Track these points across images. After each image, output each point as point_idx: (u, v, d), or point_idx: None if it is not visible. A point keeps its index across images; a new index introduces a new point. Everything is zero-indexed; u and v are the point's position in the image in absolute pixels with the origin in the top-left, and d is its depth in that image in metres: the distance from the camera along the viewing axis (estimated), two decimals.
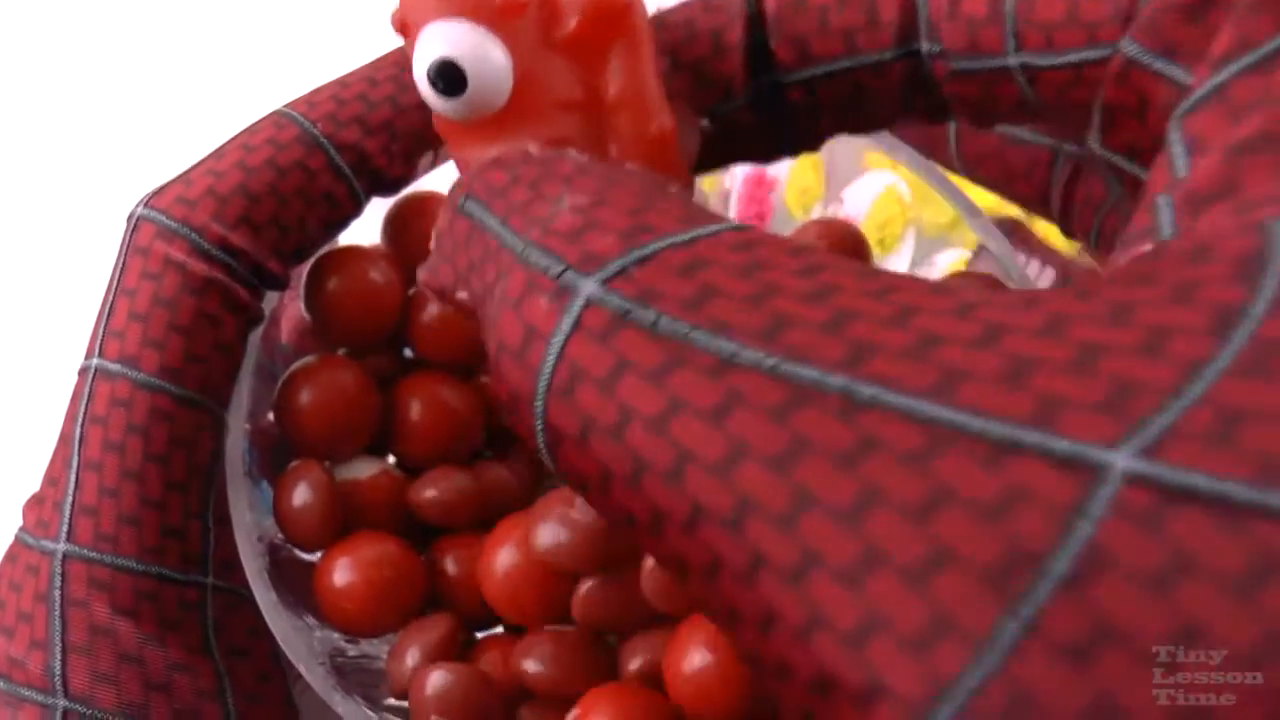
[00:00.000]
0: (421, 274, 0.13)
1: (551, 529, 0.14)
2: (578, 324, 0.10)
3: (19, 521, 0.15)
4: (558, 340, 0.10)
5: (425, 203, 0.18)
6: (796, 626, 0.08)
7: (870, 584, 0.08)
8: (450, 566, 0.16)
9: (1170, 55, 0.11)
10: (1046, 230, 0.40)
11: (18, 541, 0.15)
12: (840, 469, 0.08)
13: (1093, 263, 0.24)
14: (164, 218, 0.15)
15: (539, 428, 0.10)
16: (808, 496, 0.08)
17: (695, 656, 0.13)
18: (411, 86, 0.16)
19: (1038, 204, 0.17)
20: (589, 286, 0.10)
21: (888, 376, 0.08)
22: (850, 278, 0.09)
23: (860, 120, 0.14)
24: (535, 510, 0.14)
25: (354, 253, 0.17)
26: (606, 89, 0.13)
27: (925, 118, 0.14)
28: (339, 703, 0.14)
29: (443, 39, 0.12)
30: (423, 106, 0.15)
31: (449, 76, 0.12)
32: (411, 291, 0.17)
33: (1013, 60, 0.12)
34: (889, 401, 0.08)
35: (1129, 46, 0.11)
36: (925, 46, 0.13)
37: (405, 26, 0.13)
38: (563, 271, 0.10)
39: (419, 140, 0.16)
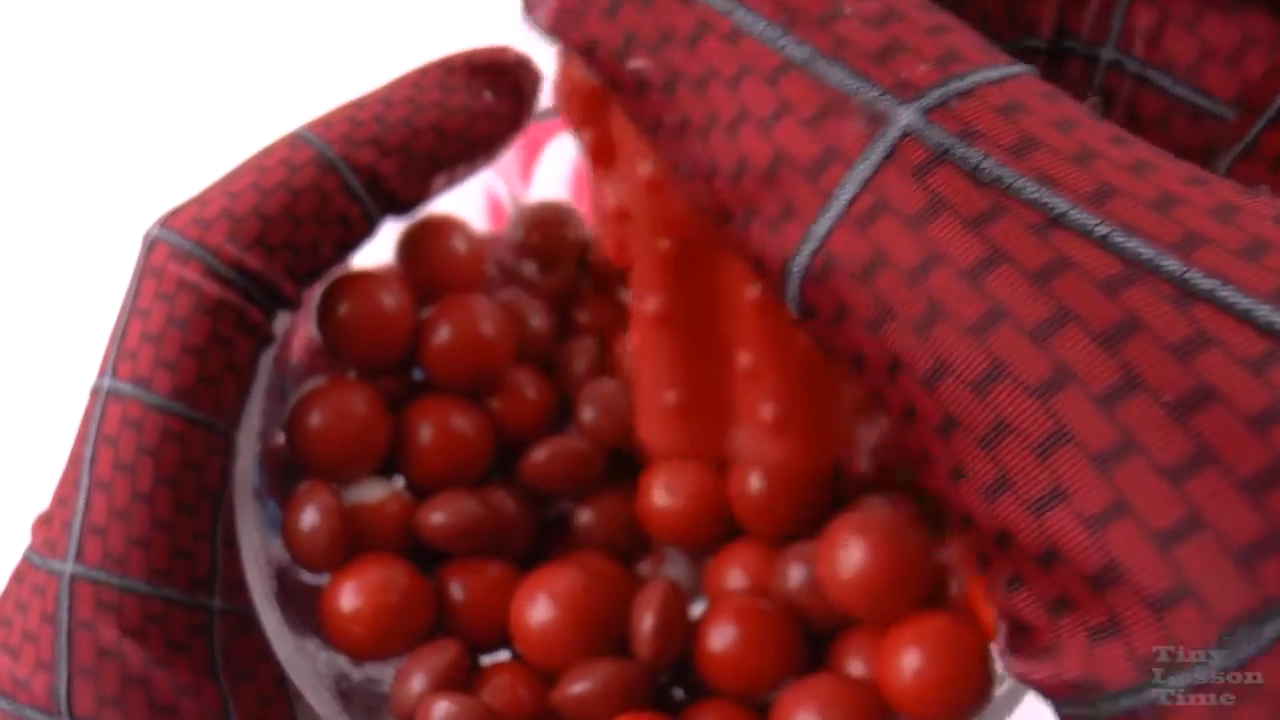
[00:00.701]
0: (546, 16, 0.12)
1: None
2: (892, 153, 0.09)
3: (27, 539, 0.15)
4: (864, 168, 0.09)
5: (439, 226, 0.18)
6: (1034, 498, 0.08)
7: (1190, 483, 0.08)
8: (457, 592, 0.16)
9: None
10: None
11: (25, 561, 0.15)
12: (1176, 361, 0.08)
13: None
14: (179, 238, 0.15)
15: (809, 249, 0.10)
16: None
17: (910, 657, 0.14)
18: (427, 108, 0.16)
19: None
20: (907, 115, 0.09)
21: (1218, 269, 0.08)
22: (1162, 160, 0.09)
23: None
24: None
25: (367, 277, 0.17)
26: None
27: None
28: None
29: None
30: (438, 128, 0.15)
31: None
32: (423, 315, 0.17)
33: None
34: (1220, 295, 0.08)
35: None
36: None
37: None
38: (878, 96, 0.09)
39: (434, 162, 0.16)
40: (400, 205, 0.16)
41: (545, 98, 0.17)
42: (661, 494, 0.16)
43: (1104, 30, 0.12)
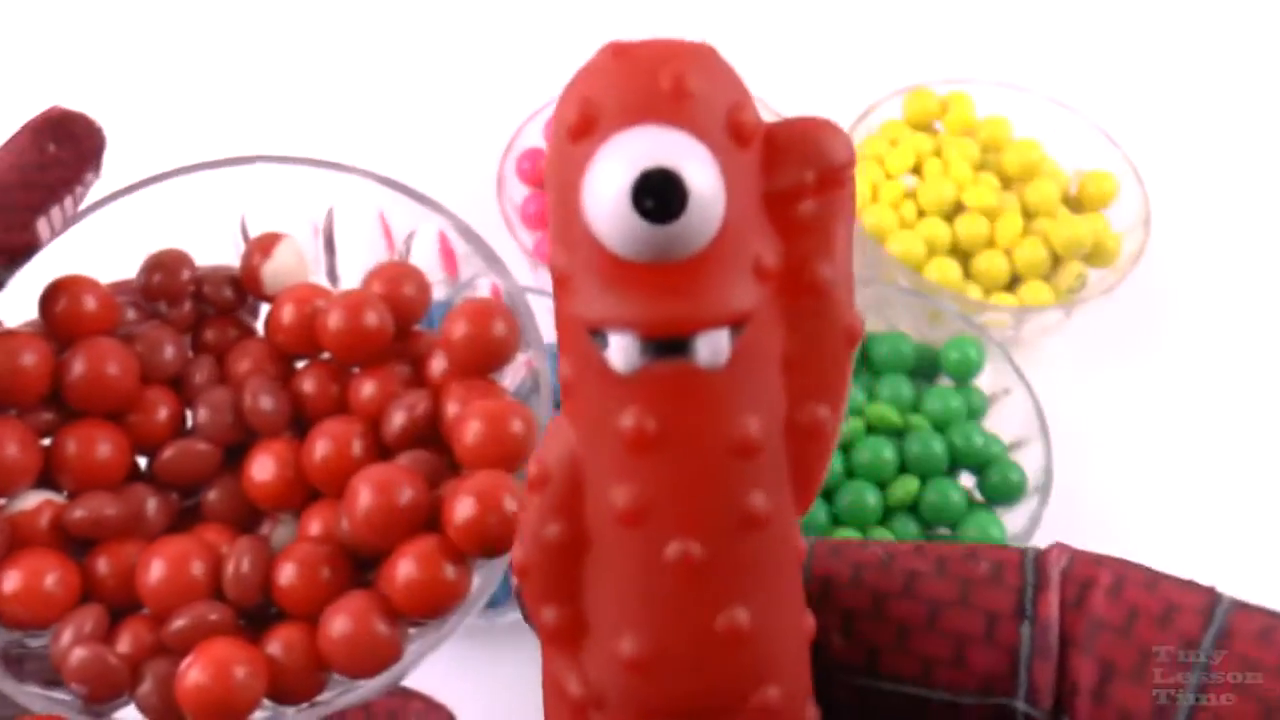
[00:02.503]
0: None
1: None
2: None
3: None
4: None
5: (68, 284, 0.22)
6: None
7: None
8: (101, 567, 0.21)
9: None
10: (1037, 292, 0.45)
11: None
12: None
13: None
14: None
15: None
16: None
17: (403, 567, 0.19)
18: (7, 169, 0.20)
19: None
20: None
21: None
22: None
23: None
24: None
25: (8, 336, 0.21)
26: (810, 266, 0.11)
27: None
28: (8, 687, 0.19)
29: (661, 145, 0.10)
30: (23, 183, 0.20)
31: (666, 193, 0.10)
32: (61, 356, 0.22)
33: None
34: None
35: None
36: (1021, 706, 0.12)
37: (589, 122, 0.10)
38: None
39: (31, 211, 0.20)
40: (13, 253, 0.20)
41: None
42: (256, 469, 0.21)
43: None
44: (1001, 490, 0.38)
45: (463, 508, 0.19)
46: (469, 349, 0.22)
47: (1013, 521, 0.38)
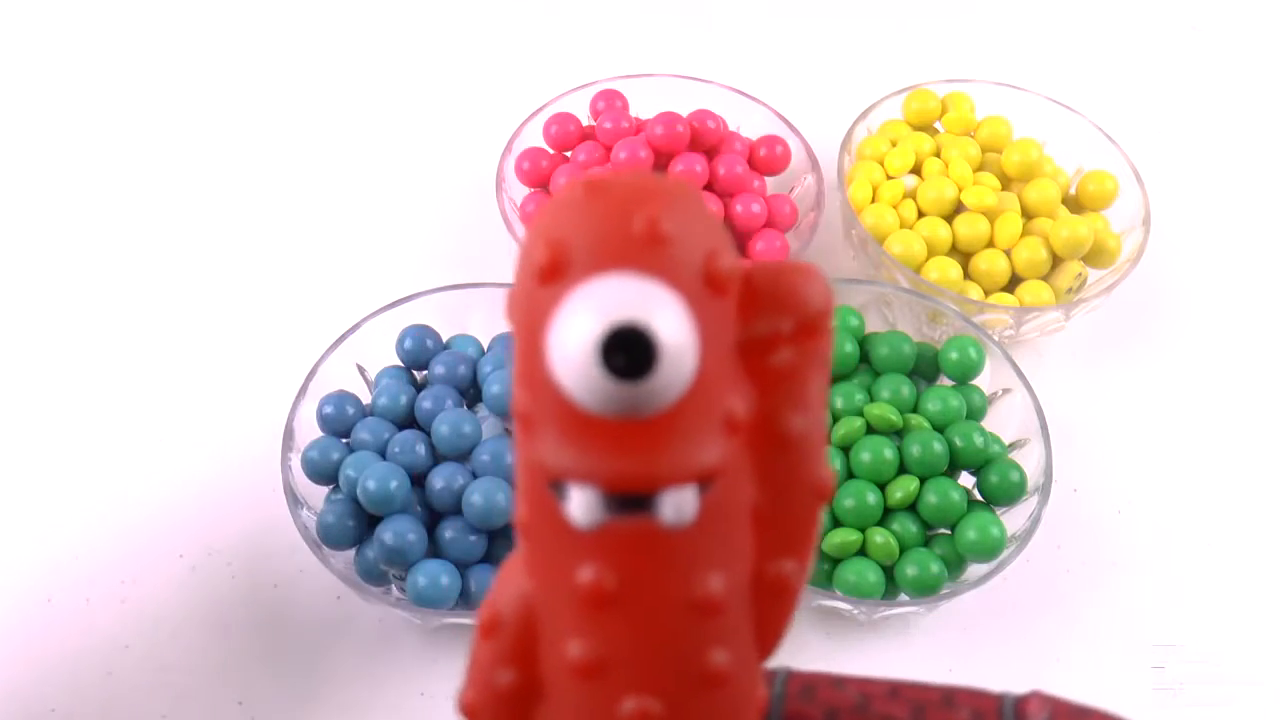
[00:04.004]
0: None
1: None
2: None
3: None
4: None
5: None
6: None
7: None
8: None
9: None
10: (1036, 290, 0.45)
11: None
12: None
13: None
14: None
15: None
16: None
17: None
18: None
19: None
20: None
21: None
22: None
23: None
24: None
25: None
26: (782, 417, 0.10)
27: None
28: None
29: (632, 296, 0.09)
30: None
31: (636, 350, 0.09)
32: None
33: None
34: None
35: None
36: None
37: (559, 266, 0.09)
38: None
39: None
40: None
41: None
42: None
43: None
44: (1001, 490, 0.38)
45: None
46: None
47: (1013, 521, 0.38)
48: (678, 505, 0.09)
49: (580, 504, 0.09)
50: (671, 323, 0.09)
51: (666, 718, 0.10)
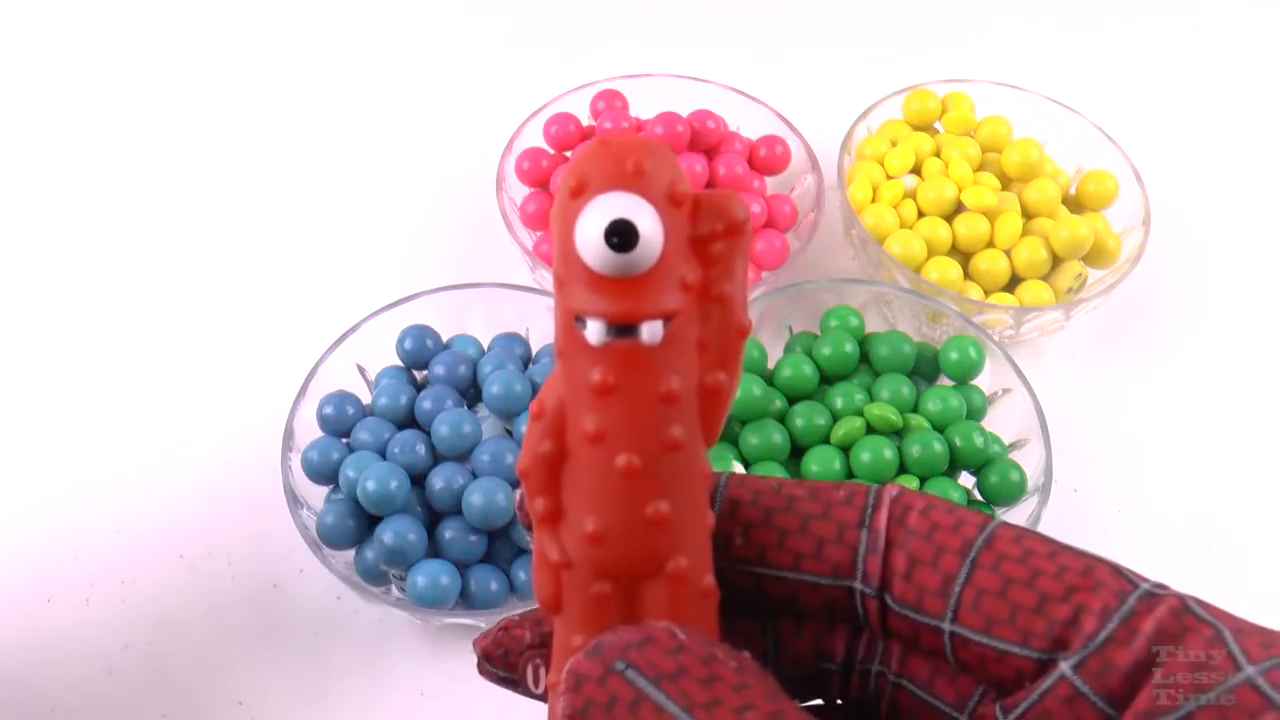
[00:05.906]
0: (565, 713, 0.14)
1: None
2: None
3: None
4: None
5: None
6: None
7: None
8: None
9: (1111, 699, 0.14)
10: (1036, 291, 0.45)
11: None
12: None
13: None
14: None
15: None
16: None
17: None
18: None
19: None
20: None
21: None
22: None
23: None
24: None
25: None
26: (716, 284, 0.16)
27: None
28: None
29: (624, 205, 0.15)
30: None
31: (626, 234, 0.15)
32: None
33: (946, 626, 0.16)
34: None
35: (1073, 677, 0.14)
36: (858, 585, 0.16)
37: (581, 187, 0.15)
38: None
39: None
40: None
41: None
42: None
43: (871, 654, 0.17)
44: (1001, 490, 0.38)
45: None
46: None
47: (1012, 521, 0.38)
48: (652, 332, 0.15)
49: (593, 331, 0.15)
50: (648, 220, 0.15)
51: (644, 469, 0.16)
